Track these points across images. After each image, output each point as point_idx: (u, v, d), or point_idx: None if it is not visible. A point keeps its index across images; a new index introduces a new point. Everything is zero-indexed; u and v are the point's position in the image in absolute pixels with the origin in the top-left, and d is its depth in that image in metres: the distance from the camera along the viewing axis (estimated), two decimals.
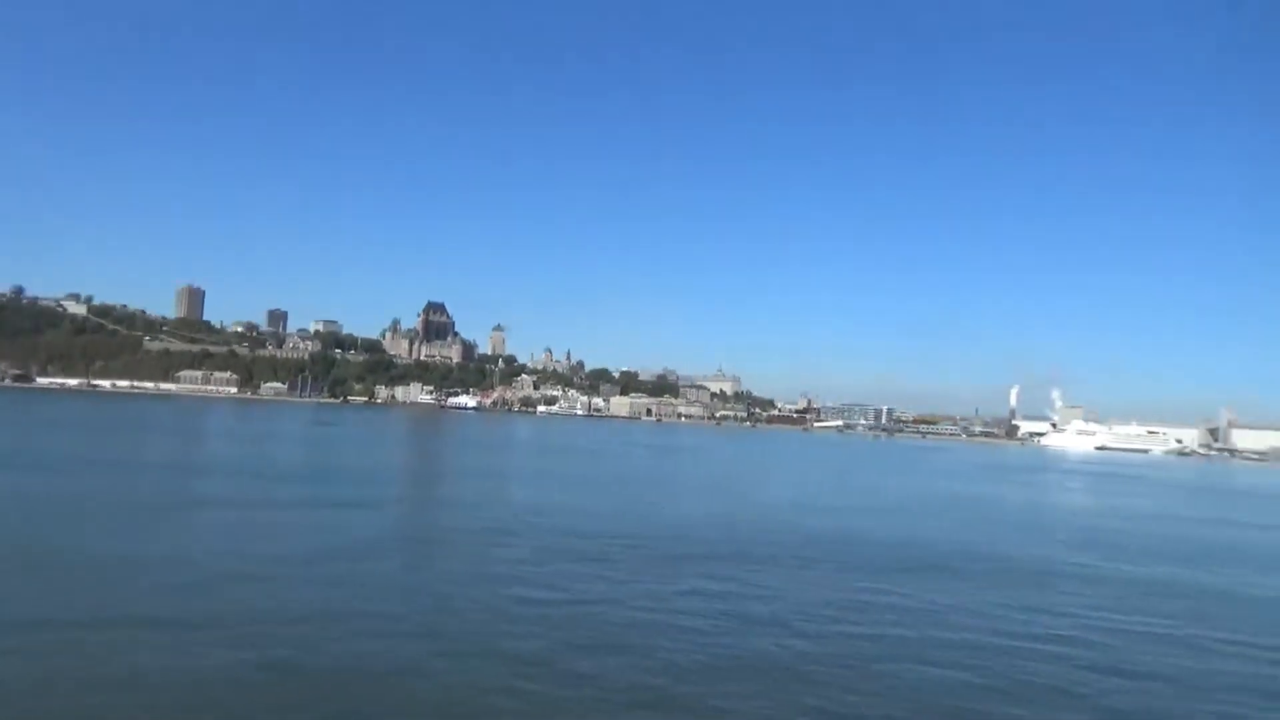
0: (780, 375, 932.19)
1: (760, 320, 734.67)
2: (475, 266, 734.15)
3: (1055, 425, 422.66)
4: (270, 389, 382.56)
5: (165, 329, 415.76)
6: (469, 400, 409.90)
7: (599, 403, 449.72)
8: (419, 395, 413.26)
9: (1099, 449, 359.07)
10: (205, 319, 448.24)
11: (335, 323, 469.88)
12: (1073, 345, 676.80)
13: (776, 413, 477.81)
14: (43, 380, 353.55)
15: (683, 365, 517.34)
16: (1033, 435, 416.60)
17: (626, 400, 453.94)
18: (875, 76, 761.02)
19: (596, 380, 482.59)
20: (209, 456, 79.54)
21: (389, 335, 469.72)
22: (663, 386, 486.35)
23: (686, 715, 17.76)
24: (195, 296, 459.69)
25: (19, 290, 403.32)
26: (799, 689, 19.67)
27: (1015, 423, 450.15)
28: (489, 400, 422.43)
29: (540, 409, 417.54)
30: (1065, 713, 19.14)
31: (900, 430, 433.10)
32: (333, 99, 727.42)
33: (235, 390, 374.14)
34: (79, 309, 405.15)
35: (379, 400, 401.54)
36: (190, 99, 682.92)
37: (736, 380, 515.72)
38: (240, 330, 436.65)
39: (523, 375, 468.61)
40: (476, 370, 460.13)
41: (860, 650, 23.19)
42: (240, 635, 20.99)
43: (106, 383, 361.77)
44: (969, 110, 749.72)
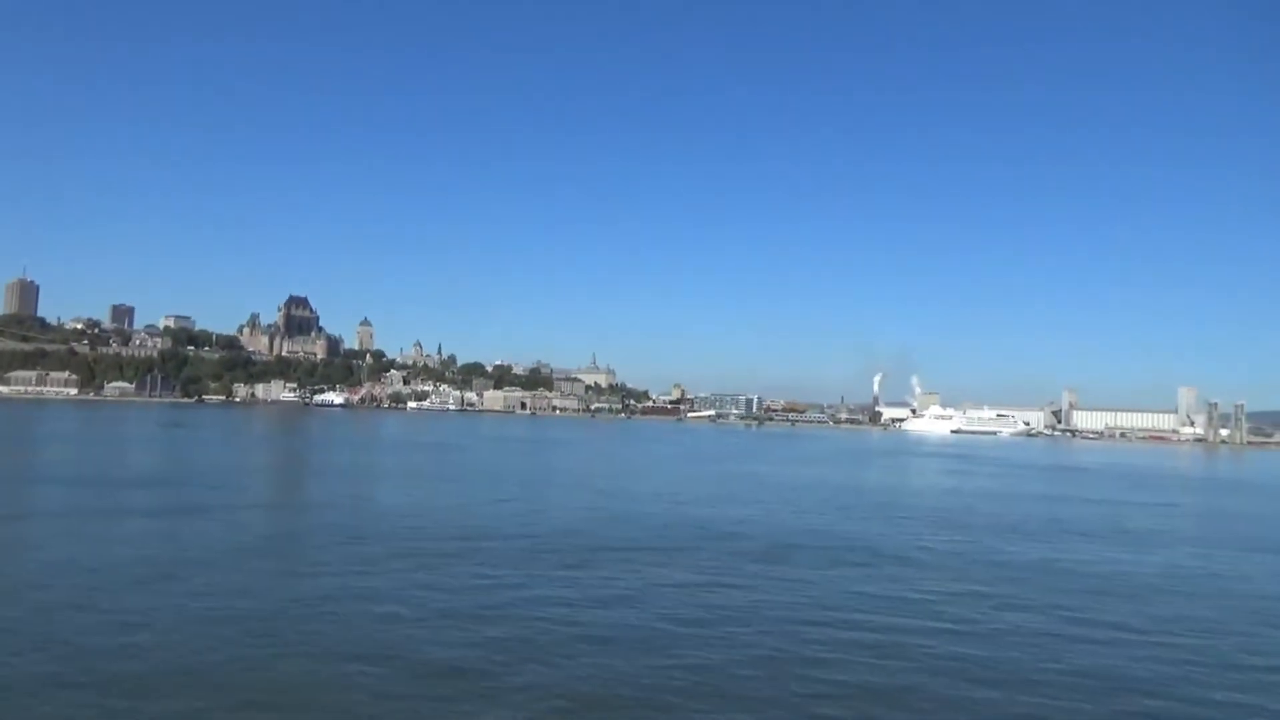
0: (654, 366, 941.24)
1: (633, 311, 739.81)
2: (340, 258, 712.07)
3: (915, 411, 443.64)
4: (115, 389, 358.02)
5: None
6: (336, 397, 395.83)
7: (472, 397, 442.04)
8: (282, 393, 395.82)
9: (954, 432, 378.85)
10: (40, 315, 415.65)
11: (187, 318, 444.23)
12: (925, 335, 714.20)
13: (651, 404, 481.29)
14: None
15: (557, 358, 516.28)
16: (895, 421, 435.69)
17: (500, 394, 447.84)
18: (725, 83, 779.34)
19: (469, 374, 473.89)
20: (35, 463, 72.66)
21: (247, 331, 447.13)
22: (537, 380, 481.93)
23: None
24: (27, 291, 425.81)
25: None
26: (656, 686, 18.74)
27: (879, 409, 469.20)
28: (357, 397, 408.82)
29: (411, 405, 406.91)
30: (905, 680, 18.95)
31: (770, 419, 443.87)
32: (181, 80, 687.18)
33: (75, 391, 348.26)
34: None
35: (238, 399, 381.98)
36: (16, 72, 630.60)
37: (611, 372, 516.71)
38: (80, 327, 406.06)
39: (392, 370, 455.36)
40: (343, 366, 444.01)
41: (694, 644, 22.48)
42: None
43: None
44: (816, 112, 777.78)
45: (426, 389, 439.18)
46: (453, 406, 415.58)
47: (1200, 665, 22.26)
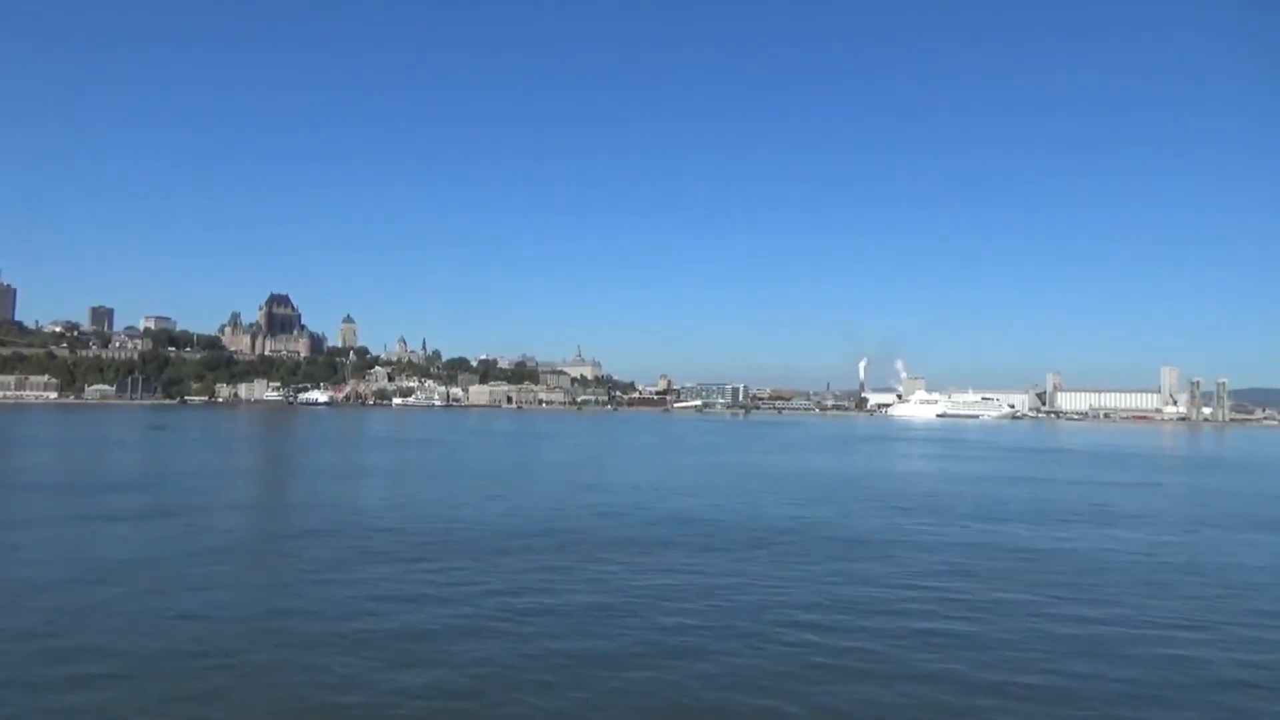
0: (640, 358, 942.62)
1: (618, 304, 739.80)
2: (321, 255, 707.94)
3: (900, 396, 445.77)
4: (96, 392, 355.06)
5: None
6: (320, 395, 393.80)
7: (457, 392, 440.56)
8: (265, 392, 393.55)
9: (940, 416, 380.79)
10: (17, 320, 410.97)
11: (168, 319, 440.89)
12: (909, 320, 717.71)
13: (638, 395, 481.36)
14: None
15: (542, 351, 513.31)
16: (880, 407, 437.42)
17: (486, 389, 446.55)
18: (707, 75, 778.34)
19: (454, 370, 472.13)
20: (9, 468, 71.49)
21: (229, 330, 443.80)
22: (522, 373, 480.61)
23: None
24: (4, 295, 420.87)
25: None
26: (637, 677, 18.18)
27: (865, 395, 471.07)
28: (342, 395, 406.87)
29: (396, 401, 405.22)
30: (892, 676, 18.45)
31: (757, 407, 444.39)
32: (157, 79, 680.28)
33: (55, 395, 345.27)
34: None
35: (221, 400, 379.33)
36: None
37: (596, 364, 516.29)
38: (59, 330, 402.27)
39: (376, 367, 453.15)
40: (326, 364, 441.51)
41: (680, 633, 21.88)
42: None
43: None
44: (797, 102, 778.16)
45: (411, 385, 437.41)
46: (438, 402, 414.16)
47: (1183, 647, 21.83)
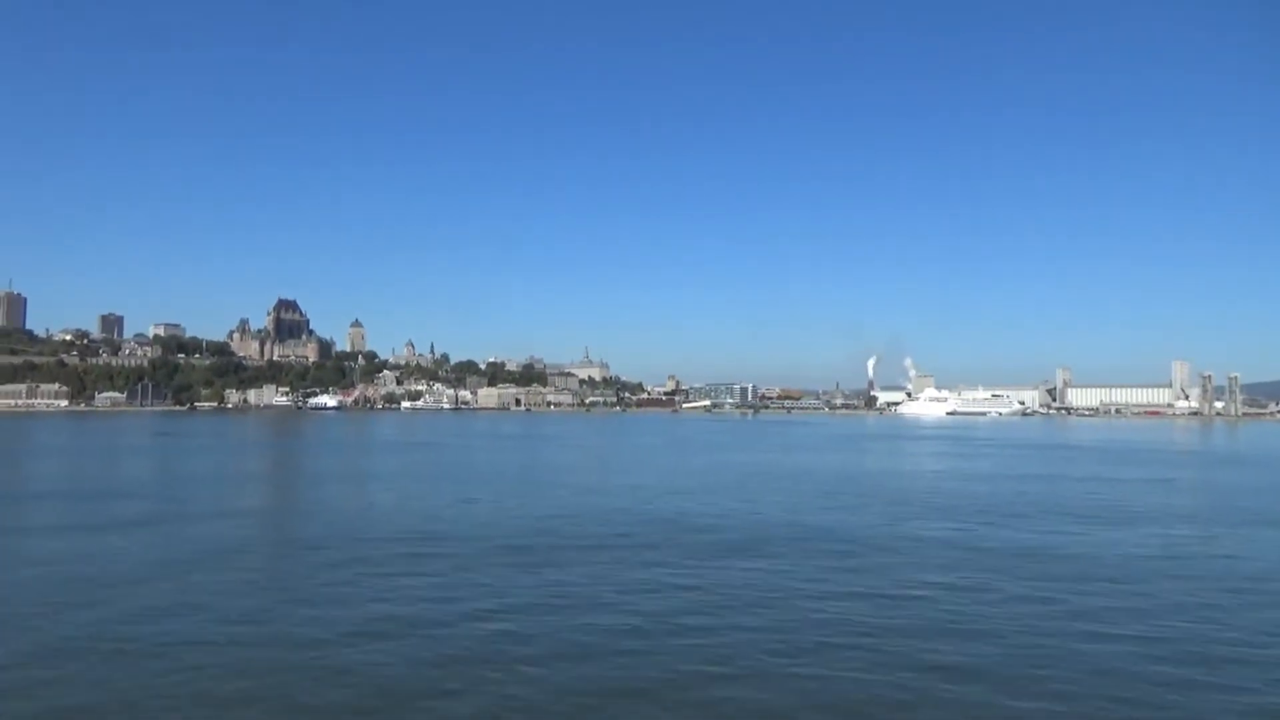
0: (648, 358, 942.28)
1: (625, 305, 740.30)
2: (328, 260, 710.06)
3: (910, 394, 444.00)
4: (106, 399, 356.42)
5: None
6: (329, 400, 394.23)
7: (466, 396, 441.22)
8: (274, 397, 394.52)
9: (950, 414, 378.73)
10: (28, 328, 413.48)
11: (177, 325, 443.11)
12: (918, 318, 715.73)
13: (646, 396, 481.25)
14: None
15: (550, 353, 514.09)
16: (890, 405, 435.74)
17: (494, 391, 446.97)
18: (711, 77, 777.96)
19: (462, 373, 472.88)
20: (19, 478, 71.62)
21: (237, 336, 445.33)
22: (530, 376, 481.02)
23: None
24: (15, 304, 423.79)
25: None
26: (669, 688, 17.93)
27: (874, 393, 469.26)
28: (350, 399, 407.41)
29: (405, 405, 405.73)
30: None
31: (766, 407, 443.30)
32: (164, 86, 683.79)
33: (66, 403, 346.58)
34: None
35: (230, 405, 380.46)
36: None
37: (604, 366, 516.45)
38: (69, 338, 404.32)
39: (385, 371, 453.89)
40: (335, 369, 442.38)
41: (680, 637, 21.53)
42: None
43: None
44: (802, 103, 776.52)
45: (420, 389, 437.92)
46: (447, 405, 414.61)
47: (1195, 648, 21.30)
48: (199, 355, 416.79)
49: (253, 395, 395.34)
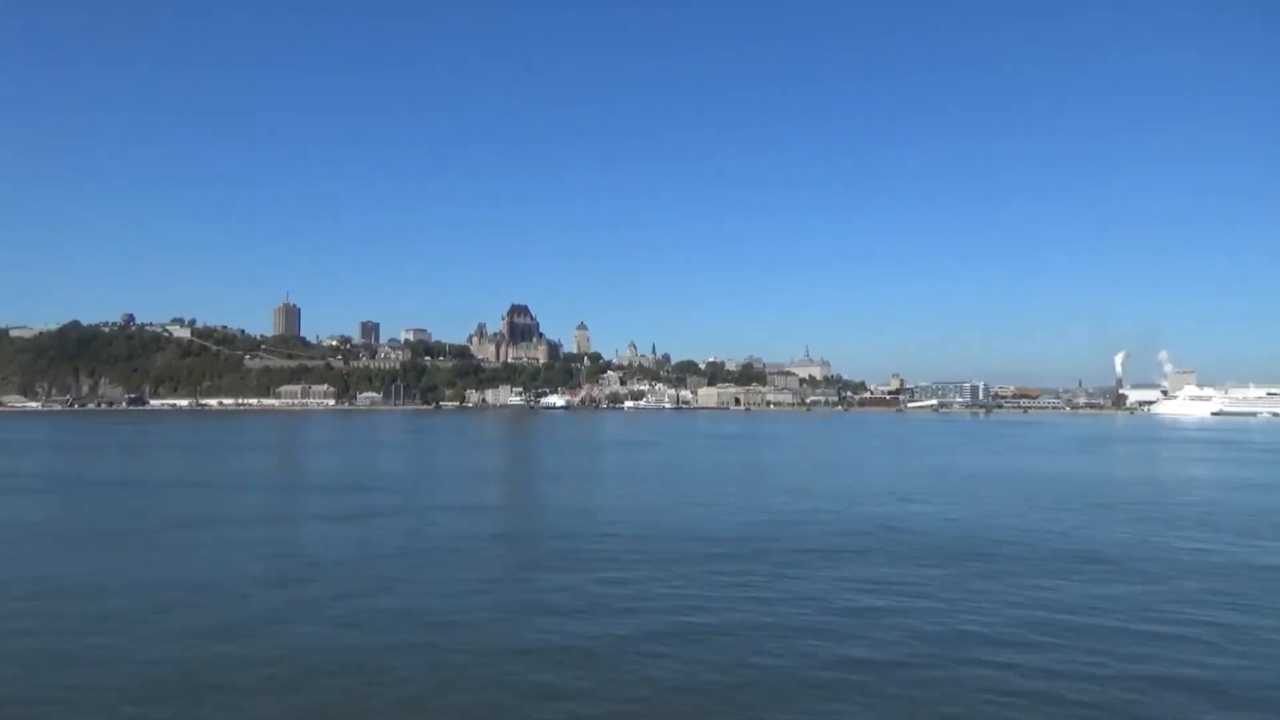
0: (871, 356, 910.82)
1: (847, 301, 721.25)
2: (556, 266, 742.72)
3: (1166, 392, 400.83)
4: (366, 399, 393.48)
5: (264, 347, 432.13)
6: (558, 400, 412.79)
7: (686, 395, 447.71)
8: (509, 397, 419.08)
9: (1215, 415, 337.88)
10: (301, 335, 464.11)
11: (424, 331, 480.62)
12: (1173, 307, 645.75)
13: (868, 395, 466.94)
14: (155, 402, 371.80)
15: (769, 352, 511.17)
16: (1142, 404, 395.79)
17: (714, 391, 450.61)
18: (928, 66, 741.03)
19: (683, 373, 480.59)
20: (303, 470, 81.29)
21: (475, 340, 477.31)
22: (750, 375, 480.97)
23: None
24: (291, 314, 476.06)
25: (129, 318, 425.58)
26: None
27: (1123, 391, 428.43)
28: (577, 399, 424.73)
29: (628, 404, 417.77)
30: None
31: (999, 406, 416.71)
32: (407, 121, 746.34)
33: (333, 402, 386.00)
34: (184, 333, 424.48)
35: (470, 404, 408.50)
36: (276, 132, 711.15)
37: (825, 364, 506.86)
38: (334, 344, 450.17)
39: (609, 372, 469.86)
40: (563, 369, 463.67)
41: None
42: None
43: (214, 401, 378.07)
44: (1032, 85, 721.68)
45: (642, 388, 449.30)
46: (668, 405, 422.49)
47: None
48: (443, 358, 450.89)
49: (490, 395, 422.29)
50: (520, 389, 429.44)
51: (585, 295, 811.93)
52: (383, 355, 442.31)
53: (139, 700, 17.74)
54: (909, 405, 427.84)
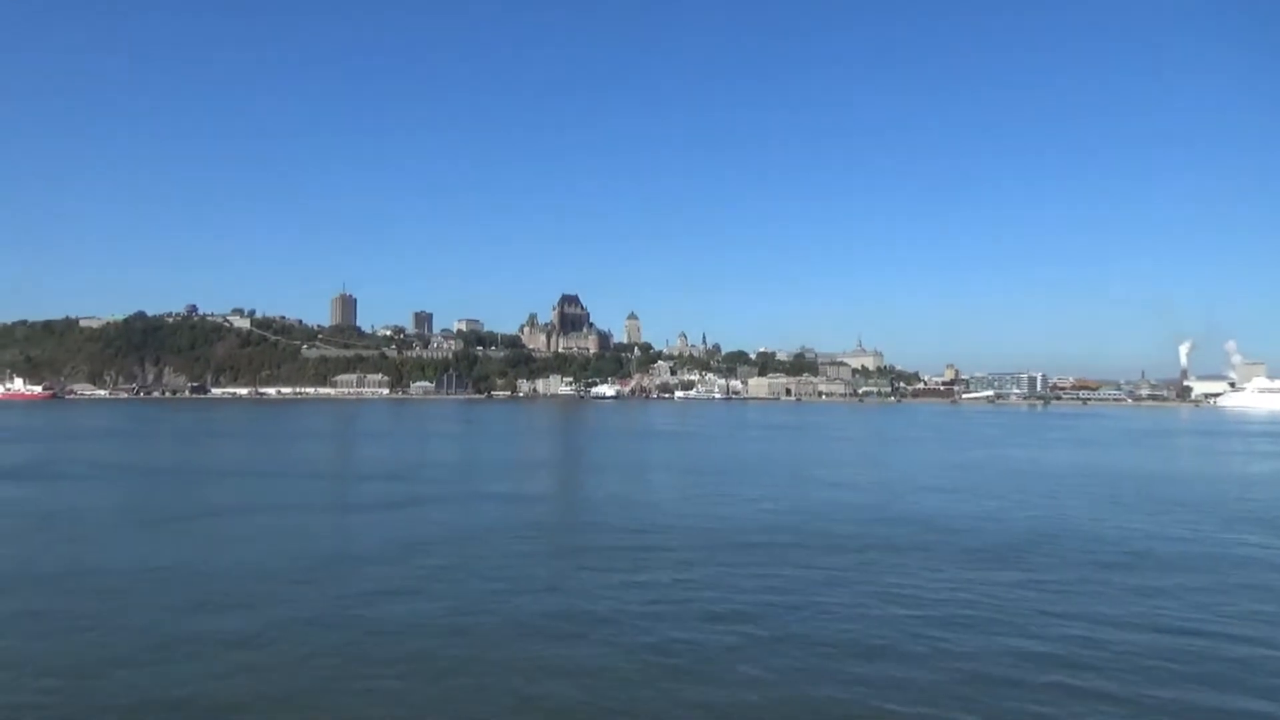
0: (925, 346, 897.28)
1: (901, 290, 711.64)
2: (606, 256, 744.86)
3: (1233, 384, 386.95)
4: (419, 388, 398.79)
5: (321, 337, 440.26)
6: (608, 389, 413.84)
7: (737, 385, 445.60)
8: (559, 387, 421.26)
9: None
10: (357, 325, 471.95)
11: (476, 321, 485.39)
12: (1240, 296, 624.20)
13: (922, 386, 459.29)
14: (216, 391, 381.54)
15: (822, 342, 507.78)
16: (1208, 396, 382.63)
17: (765, 381, 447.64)
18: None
19: (733, 363, 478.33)
20: (358, 460, 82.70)
21: (526, 330, 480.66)
22: (801, 365, 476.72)
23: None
24: (348, 304, 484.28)
25: (193, 309, 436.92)
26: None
27: (1188, 383, 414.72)
28: (628, 388, 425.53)
29: (678, 395, 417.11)
30: None
31: (1057, 398, 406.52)
32: (463, 113, 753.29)
33: (387, 391, 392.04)
34: (243, 323, 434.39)
35: (521, 394, 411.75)
36: (336, 126, 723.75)
37: (878, 355, 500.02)
38: (388, 334, 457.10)
39: (659, 361, 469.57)
40: (613, 359, 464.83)
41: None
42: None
43: (272, 390, 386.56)
44: (1090, 70, 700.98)
45: (692, 378, 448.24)
46: (718, 395, 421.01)
47: None
48: (494, 348, 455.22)
49: (541, 385, 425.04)
50: (571, 379, 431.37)
51: (636, 285, 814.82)
52: (436, 345, 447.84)
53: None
54: (964, 397, 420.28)
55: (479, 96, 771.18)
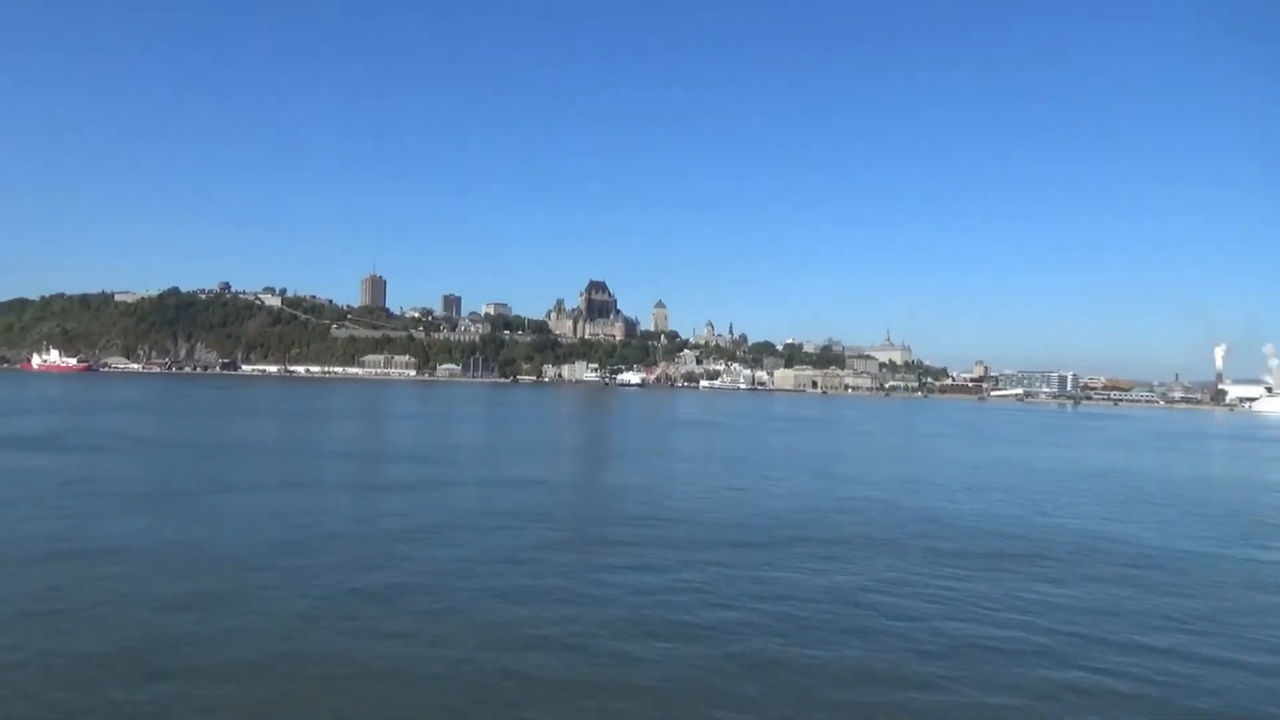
0: (954, 342, 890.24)
1: (930, 285, 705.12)
2: (635, 243, 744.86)
3: (1270, 389, 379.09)
4: (445, 370, 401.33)
5: (350, 317, 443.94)
6: (634, 377, 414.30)
7: (762, 376, 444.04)
8: (585, 373, 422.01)
9: None
10: (387, 306, 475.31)
11: (505, 305, 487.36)
12: (1275, 294, 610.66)
13: (950, 382, 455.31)
14: (246, 368, 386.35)
15: (849, 335, 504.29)
16: (1243, 400, 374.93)
17: (790, 373, 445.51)
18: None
19: (759, 354, 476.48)
20: (385, 442, 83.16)
21: (554, 315, 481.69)
22: (828, 358, 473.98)
23: None
24: (378, 285, 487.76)
25: (225, 286, 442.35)
26: None
27: (1222, 387, 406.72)
28: (653, 376, 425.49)
29: (703, 384, 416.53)
30: None
31: (1088, 397, 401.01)
32: (495, 100, 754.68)
33: (413, 373, 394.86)
34: (274, 301, 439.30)
35: (546, 379, 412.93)
36: (369, 109, 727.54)
37: (906, 349, 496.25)
38: (417, 316, 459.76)
39: (685, 350, 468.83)
40: (639, 347, 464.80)
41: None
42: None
43: (301, 368, 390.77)
44: (1122, 69, 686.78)
45: (718, 368, 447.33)
46: (743, 386, 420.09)
47: None
48: (521, 332, 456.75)
49: (566, 370, 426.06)
50: (596, 365, 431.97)
51: (664, 274, 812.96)
52: (463, 328, 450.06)
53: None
54: (992, 394, 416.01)
55: (516, 89, 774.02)
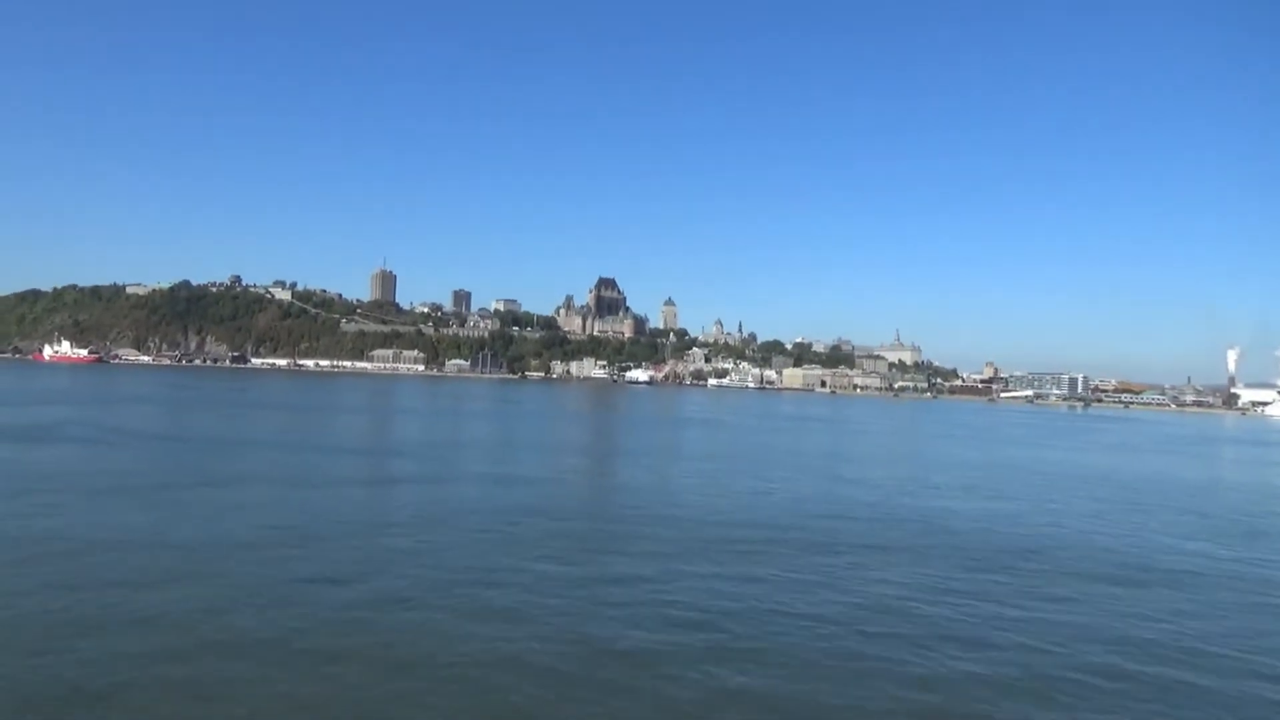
0: (964, 343, 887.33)
1: (940, 285, 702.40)
2: (645, 240, 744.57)
3: None
4: (454, 366, 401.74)
5: (360, 311, 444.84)
6: (642, 374, 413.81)
7: (771, 375, 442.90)
8: (593, 370, 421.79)
9: None
10: (396, 301, 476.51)
11: (514, 301, 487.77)
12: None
13: (960, 383, 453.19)
14: (256, 361, 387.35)
15: (859, 335, 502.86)
16: (1255, 405, 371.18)
17: (799, 372, 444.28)
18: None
19: (768, 352, 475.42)
20: (393, 437, 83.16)
21: (563, 312, 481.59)
22: (837, 357, 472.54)
23: None
24: (388, 280, 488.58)
25: (236, 279, 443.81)
26: None
27: (1235, 391, 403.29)
28: (661, 374, 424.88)
29: (712, 382, 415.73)
30: None
31: (1099, 400, 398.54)
32: (506, 97, 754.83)
33: (422, 368, 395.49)
34: (285, 295, 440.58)
35: (555, 376, 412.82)
36: (379, 105, 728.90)
37: (916, 349, 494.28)
38: (426, 311, 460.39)
39: (694, 348, 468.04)
40: (648, 344, 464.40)
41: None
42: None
43: (310, 362, 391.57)
44: (1134, 70, 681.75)
45: (727, 366, 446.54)
46: (752, 384, 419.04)
47: None
48: (530, 329, 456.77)
49: (574, 367, 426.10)
50: (605, 362, 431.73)
51: (673, 272, 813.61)
52: (472, 324, 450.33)
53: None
54: (1002, 395, 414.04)
55: (527, 85, 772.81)
